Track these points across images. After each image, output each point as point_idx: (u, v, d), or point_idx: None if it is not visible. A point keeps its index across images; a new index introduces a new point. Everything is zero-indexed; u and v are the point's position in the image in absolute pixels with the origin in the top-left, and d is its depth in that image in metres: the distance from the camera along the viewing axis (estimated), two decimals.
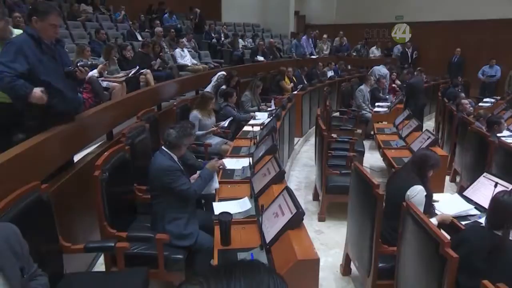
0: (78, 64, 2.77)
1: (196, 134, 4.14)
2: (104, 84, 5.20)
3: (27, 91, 2.50)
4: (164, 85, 5.56)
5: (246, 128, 4.72)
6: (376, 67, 9.35)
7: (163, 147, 2.74)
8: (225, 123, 4.72)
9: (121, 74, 5.63)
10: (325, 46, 11.84)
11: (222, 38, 10.63)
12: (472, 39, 11.81)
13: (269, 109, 5.93)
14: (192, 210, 2.69)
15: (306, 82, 8.45)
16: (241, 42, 10.38)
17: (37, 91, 2.52)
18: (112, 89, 5.23)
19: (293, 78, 8.28)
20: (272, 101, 6.14)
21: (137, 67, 5.78)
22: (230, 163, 3.29)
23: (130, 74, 5.57)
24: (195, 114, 4.51)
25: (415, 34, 12.67)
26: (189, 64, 7.72)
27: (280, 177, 2.64)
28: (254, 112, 5.85)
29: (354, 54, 12.45)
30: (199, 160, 3.30)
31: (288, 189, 2.16)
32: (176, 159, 2.72)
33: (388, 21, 13.27)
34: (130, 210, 2.88)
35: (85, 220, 2.84)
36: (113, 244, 2.22)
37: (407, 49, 12.02)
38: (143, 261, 2.42)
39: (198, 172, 2.91)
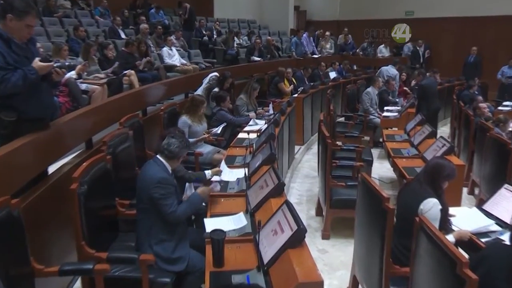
0: (55, 65, 2.76)
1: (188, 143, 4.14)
2: (83, 86, 5.20)
3: (33, 73, 2.58)
4: (150, 88, 5.57)
5: (241, 135, 4.73)
6: (384, 68, 9.40)
7: (158, 156, 2.74)
8: (218, 130, 4.73)
9: (101, 75, 5.63)
10: (328, 44, 11.94)
11: (215, 36, 10.69)
12: (490, 37, 11.94)
13: (266, 114, 5.95)
14: (183, 230, 2.67)
15: (307, 84, 8.50)
16: (235, 40, 10.47)
17: (37, 62, 2.60)
18: (92, 92, 5.23)
19: (293, 79, 8.33)
20: (270, 105, 6.15)
21: (116, 63, 5.78)
22: (224, 174, 3.29)
23: (109, 71, 5.57)
24: (184, 119, 4.51)
25: (427, 32, 12.78)
26: (178, 64, 7.75)
27: (279, 190, 2.63)
28: (253, 113, 5.86)
29: (361, 53, 12.56)
30: (189, 171, 3.29)
31: (288, 203, 2.16)
32: (170, 171, 2.72)
33: (397, 17, 13.40)
34: (112, 228, 2.86)
35: (61, 239, 2.81)
36: (91, 267, 2.19)
37: (418, 48, 12.12)
38: (126, 285, 2.39)
39: (188, 188, 2.90)
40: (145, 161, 3.17)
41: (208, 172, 3.23)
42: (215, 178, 3.16)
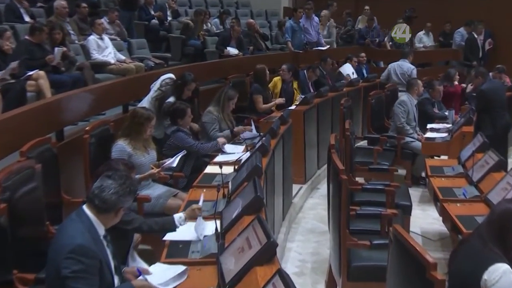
0: None
1: None
2: None
3: None
4: (69, 97, 5.57)
5: (210, 169, 4.72)
6: (394, 64, 9.64)
7: (84, 207, 2.74)
8: (174, 161, 4.72)
9: None
10: (324, 31, 12.07)
11: (169, 18, 10.81)
12: None
13: (247, 136, 5.97)
14: None
15: (312, 90, 8.62)
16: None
17: None
18: None
19: (295, 86, 8.45)
20: (252, 123, 6.20)
21: (16, 62, 5.76)
22: (183, 230, 3.29)
23: (5, 72, 5.54)
24: (121, 146, 4.50)
25: (490, 12, 13.05)
26: (112, 61, 7.77)
27: (268, 253, 2.62)
28: (228, 132, 5.89)
29: (390, 43, 12.81)
30: (152, 219, 3.30)
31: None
32: (101, 233, 2.71)
33: None
34: None
35: None
36: None
37: (476, 36, 12.32)
38: None
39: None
40: (60, 211, 3.15)
41: (179, 217, 3.23)
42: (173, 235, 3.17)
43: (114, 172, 2.83)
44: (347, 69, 10.02)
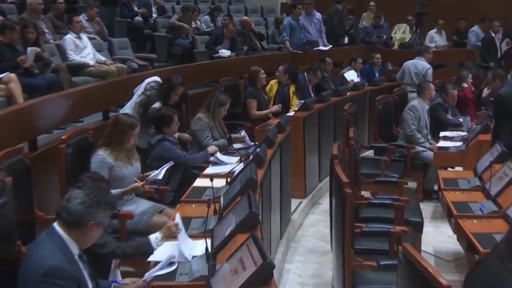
0: None
1: None
2: None
3: None
4: (43, 103, 5.57)
5: (199, 182, 4.73)
6: (410, 62, 9.69)
7: (55, 224, 2.74)
8: (160, 174, 4.73)
9: None
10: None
11: (154, 15, 10.84)
12: None
13: (240, 146, 5.98)
14: None
15: (312, 95, 8.63)
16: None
17: None
18: None
19: (291, 90, 8.47)
20: (243, 133, 6.21)
21: None
22: (165, 250, 3.30)
23: None
24: (101, 156, 4.51)
25: (509, 9, 13.08)
26: (91, 63, 7.79)
27: (264, 275, 2.63)
28: (223, 141, 5.92)
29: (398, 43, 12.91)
30: (128, 242, 3.30)
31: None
32: (75, 252, 2.71)
33: None
34: None
35: None
36: None
37: (493, 35, 12.38)
38: None
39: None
40: (33, 229, 3.13)
41: (155, 238, 3.22)
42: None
43: (84, 183, 2.82)
44: (351, 75, 10.04)
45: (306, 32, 11.21)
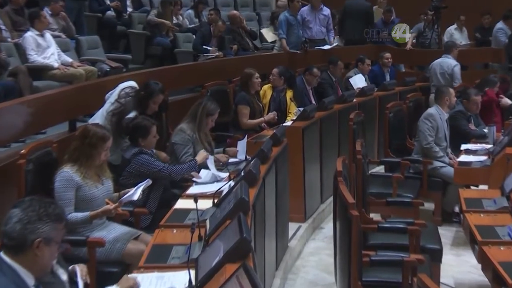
0: None
1: (69, 219, 4.12)
2: None
3: None
4: (0, 111, 5.56)
5: (181, 203, 4.73)
6: (436, 62, 9.77)
7: (2, 253, 2.75)
8: (135, 194, 4.71)
9: None
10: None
11: (129, 10, 10.85)
12: None
13: (230, 160, 5.97)
14: None
15: (313, 101, 8.64)
16: (173, 18, 10.67)
17: None
18: None
19: (287, 95, 8.47)
20: (240, 144, 6.20)
21: None
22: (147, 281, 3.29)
23: None
24: (67, 174, 4.50)
25: None
26: (56, 65, 7.78)
27: None
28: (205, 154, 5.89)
29: (414, 40, 12.96)
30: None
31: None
32: (30, 283, 2.70)
33: None
34: None
35: None
36: None
37: None
38: None
39: None
40: None
41: None
42: None
43: (22, 200, 2.82)
44: (358, 81, 10.05)
45: (307, 28, 11.23)
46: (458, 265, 6.11)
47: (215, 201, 4.46)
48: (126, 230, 4.70)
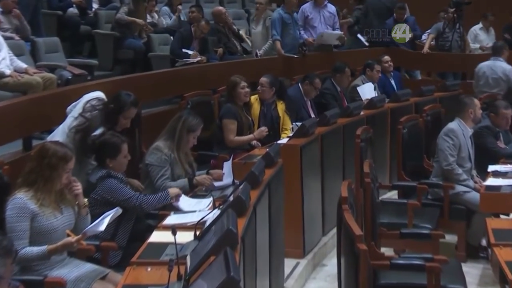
0: None
1: (23, 254, 4.10)
2: None
3: None
4: None
5: (156, 236, 4.74)
6: (484, 65, 9.85)
7: None
8: (101, 224, 4.70)
9: None
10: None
11: (95, 6, 10.89)
12: None
13: (216, 184, 5.97)
14: None
15: (313, 115, 8.66)
16: (147, 16, 10.71)
17: None
18: None
19: (279, 107, 8.48)
20: (226, 165, 6.20)
21: None
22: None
23: None
24: (21, 201, 4.49)
25: None
26: (7, 72, 7.77)
27: None
28: (183, 183, 5.91)
29: (432, 43, 13.04)
30: None
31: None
32: None
33: None
34: None
35: None
36: None
37: None
38: None
39: None
40: None
41: None
42: None
43: None
44: (367, 91, 10.02)
45: (311, 28, 11.26)
46: None
47: (197, 233, 4.46)
48: (92, 268, 4.68)
